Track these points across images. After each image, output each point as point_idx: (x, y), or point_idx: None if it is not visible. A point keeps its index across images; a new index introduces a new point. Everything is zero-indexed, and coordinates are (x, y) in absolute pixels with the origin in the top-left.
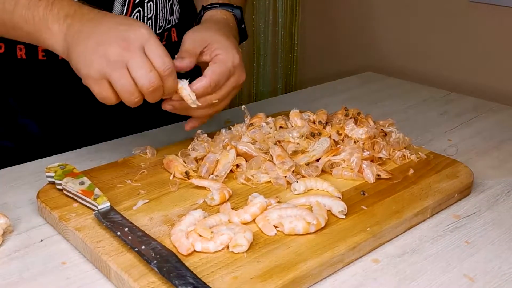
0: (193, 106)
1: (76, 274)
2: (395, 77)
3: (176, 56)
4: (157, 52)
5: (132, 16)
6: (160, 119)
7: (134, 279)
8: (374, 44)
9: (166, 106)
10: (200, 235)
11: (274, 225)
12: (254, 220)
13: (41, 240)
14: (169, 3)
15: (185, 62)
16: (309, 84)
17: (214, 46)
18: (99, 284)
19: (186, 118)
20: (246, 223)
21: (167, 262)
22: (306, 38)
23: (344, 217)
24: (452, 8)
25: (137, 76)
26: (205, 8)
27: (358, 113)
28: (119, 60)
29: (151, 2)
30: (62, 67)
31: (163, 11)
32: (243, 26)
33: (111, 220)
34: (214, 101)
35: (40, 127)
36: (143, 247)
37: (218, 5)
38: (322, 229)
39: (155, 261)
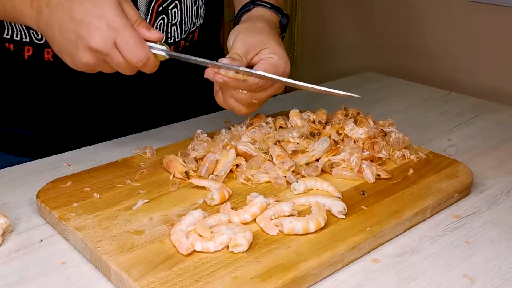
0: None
1: (76, 274)
2: (395, 77)
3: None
4: (127, 46)
5: (155, 24)
6: (160, 119)
7: (134, 279)
8: (373, 44)
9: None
10: (200, 235)
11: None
12: (254, 220)
13: (41, 240)
14: (195, 6)
15: (235, 63)
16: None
17: (268, 51)
18: (99, 284)
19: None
20: (246, 223)
21: None
22: (306, 38)
23: (343, 217)
24: (452, 8)
25: (117, 69)
26: (255, 3)
27: (358, 113)
28: (96, 63)
29: (175, 9)
30: (64, 67)
31: (189, 16)
32: (283, 34)
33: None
34: (254, 101)
35: (40, 127)
36: None
37: (269, 5)
38: (322, 229)
39: None
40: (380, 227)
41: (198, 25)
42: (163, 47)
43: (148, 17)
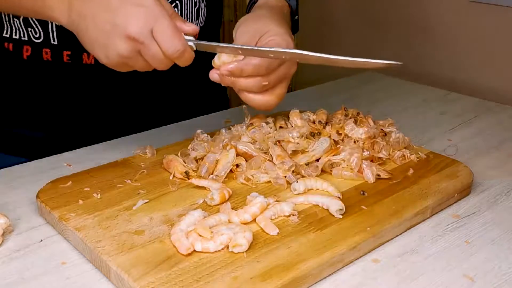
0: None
1: (76, 274)
2: (395, 77)
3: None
4: (164, 35)
5: None
6: (160, 119)
7: (134, 279)
8: (373, 44)
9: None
10: (200, 235)
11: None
12: (254, 220)
13: (41, 240)
14: (195, 8)
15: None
16: (309, 84)
17: (268, 34)
18: (99, 284)
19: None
20: (246, 223)
21: None
22: (306, 37)
23: (341, 216)
24: (452, 8)
25: (151, 62)
26: None
27: (358, 113)
28: (130, 54)
29: (175, 9)
30: (62, 68)
31: (188, 17)
32: (296, 17)
33: None
34: (264, 83)
35: (39, 127)
36: None
37: None
38: (322, 229)
39: None
40: (380, 227)
41: (199, 27)
42: (191, 38)
43: None
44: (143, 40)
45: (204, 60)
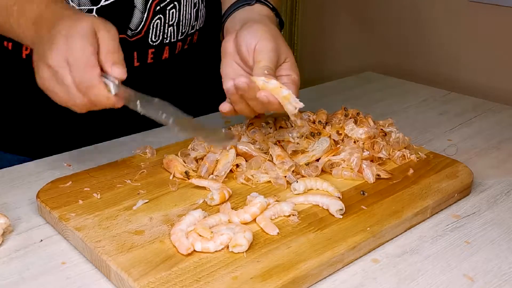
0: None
1: (76, 274)
2: (395, 77)
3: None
4: (73, 67)
5: (152, 24)
6: None
7: (134, 279)
8: (373, 44)
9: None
10: (200, 235)
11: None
12: (254, 220)
13: (41, 240)
14: (194, 9)
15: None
16: (309, 84)
17: (287, 66)
18: (99, 284)
19: None
20: (246, 223)
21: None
22: (306, 38)
23: (341, 216)
24: (452, 8)
25: (69, 94)
26: (259, 1)
27: (358, 113)
28: (51, 82)
29: (173, 10)
30: None
31: (187, 18)
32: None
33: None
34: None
35: (40, 126)
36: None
37: (271, 6)
38: (322, 228)
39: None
40: (380, 227)
41: (197, 28)
42: (115, 81)
43: (145, 15)
44: (57, 69)
45: (204, 60)
